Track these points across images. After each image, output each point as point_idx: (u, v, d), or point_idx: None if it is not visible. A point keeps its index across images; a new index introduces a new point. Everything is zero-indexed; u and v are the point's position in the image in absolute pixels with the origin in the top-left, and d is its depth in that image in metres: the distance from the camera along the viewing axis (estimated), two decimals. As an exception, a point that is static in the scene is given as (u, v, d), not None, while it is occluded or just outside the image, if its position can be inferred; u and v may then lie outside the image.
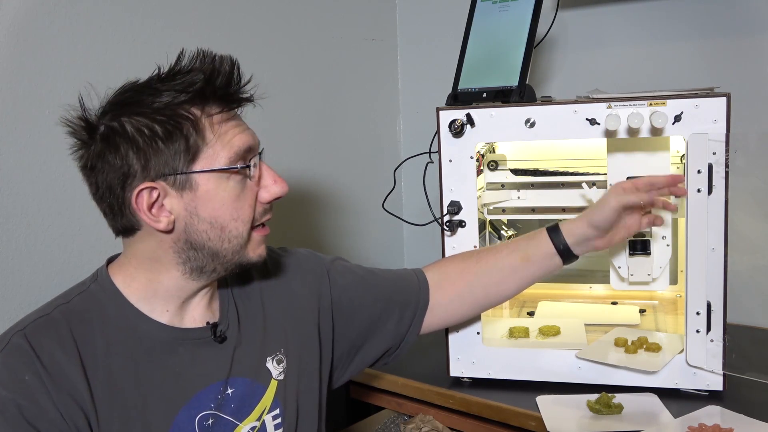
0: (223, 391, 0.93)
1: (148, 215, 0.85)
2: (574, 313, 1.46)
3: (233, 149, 0.87)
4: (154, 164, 0.84)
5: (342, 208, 1.87)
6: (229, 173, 0.87)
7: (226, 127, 0.87)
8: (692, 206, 1.10)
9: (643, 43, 1.63)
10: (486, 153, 1.45)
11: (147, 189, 0.84)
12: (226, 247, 0.89)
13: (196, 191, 0.86)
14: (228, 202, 0.87)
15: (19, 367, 0.81)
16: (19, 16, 1.19)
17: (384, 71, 2.01)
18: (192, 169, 0.85)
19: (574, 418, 1.10)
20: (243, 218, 0.89)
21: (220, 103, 0.88)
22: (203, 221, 0.87)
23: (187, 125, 0.84)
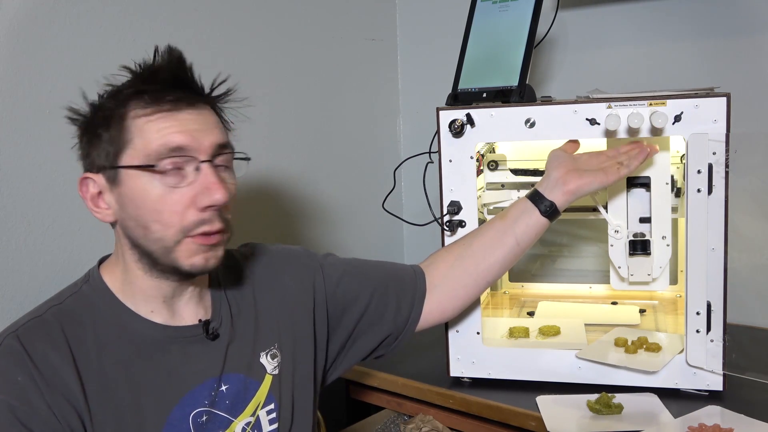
0: (217, 387, 0.93)
1: (92, 205, 0.88)
2: (574, 313, 1.46)
3: (151, 147, 0.84)
4: (95, 156, 0.87)
5: (342, 208, 1.87)
6: (152, 172, 0.84)
7: (155, 126, 0.84)
8: (692, 206, 1.10)
9: (643, 43, 1.63)
10: (486, 153, 1.45)
11: (90, 179, 0.87)
12: (153, 248, 0.86)
13: (121, 187, 0.86)
14: (148, 202, 0.84)
15: (12, 368, 0.81)
16: (19, 16, 1.19)
17: (384, 71, 2.01)
18: (116, 164, 0.85)
19: (574, 418, 1.10)
20: (164, 221, 0.84)
21: (152, 101, 0.85)
22: (130, 218, 0.86)
23: (116, 120, 0.85)
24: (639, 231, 1.27)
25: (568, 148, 1.18)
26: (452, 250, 1.16)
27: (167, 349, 0.91)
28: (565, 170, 1.12)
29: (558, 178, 1.12)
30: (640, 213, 1.27)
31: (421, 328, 1.15)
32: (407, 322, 1.13)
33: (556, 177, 1.12)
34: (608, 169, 1.12)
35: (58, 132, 1.25)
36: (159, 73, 0.86)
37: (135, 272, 0.90)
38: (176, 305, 0.94)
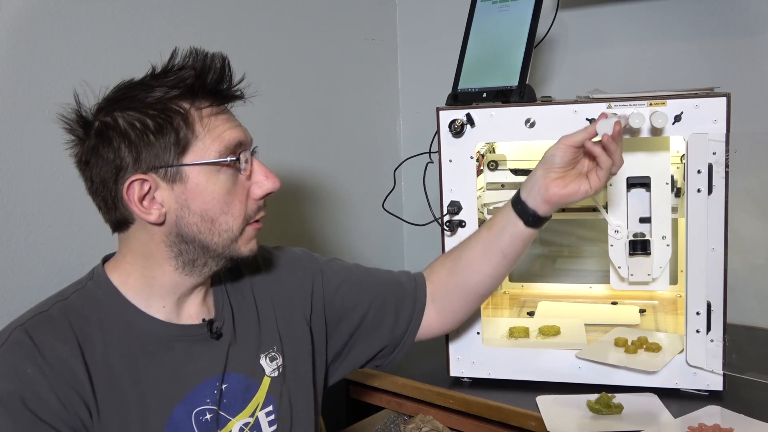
0: (219, 386, 0.93)
1: (139, 207, 0.86)
2: (574, 313, 1.46)
3: (223, 143, 0.87)
4: (145, 157, 0.85)
5: (342, 208, 1.87)
6: (219, 167, 0.87)
7: (216, 122, 0.88)
8: (692, 206, 1.10)
9: (643, 43, 1.63)
10: (486, 153, 1.45)
11: (138, 181, 0.85)
12: (216, 240, 0.89)
13: (186, 184, 0.87)
14: (218, 195, 0.88)
15: (21, 361, 0.81)
16: (19, 16, 1.19)
17: (384, 71, 2.01)
18: (182, 162, 0.86)
19: (574, 418, 1.10)
20: (233, 213, 0.89)
21: (210, 98, 0.89)
22: (194, 214, 0.88)
23: (178, 119, 0.86)
24: (639, 231, 1.27)
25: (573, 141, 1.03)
26: (446, 263, 1.15)
27: (171, 347, 0.91)
28: (545, 171, 1.03)
29: (540, 183, 1.03)
30: (640, 213, 1.27)
31: (421, 339, 1.15)
32: (405, 334, 1.13)
33: (538, 180, 1.03)
34: (590, 175, 1.02)
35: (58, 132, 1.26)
36: (210, 73, 0.89)
37: (163, 268, 0.91)
38: (185, 303, 0.95)
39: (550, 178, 1.02)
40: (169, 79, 0.87)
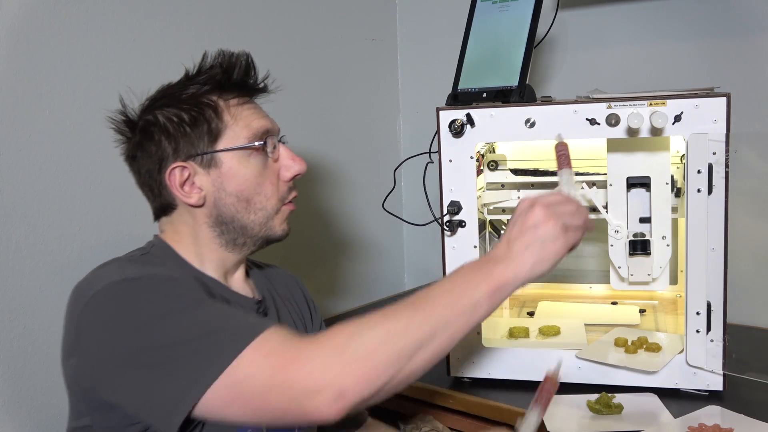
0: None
1: (180, 191, 0.96)
2: (574, 313, 1.46)
3: (251, 130, 0.97)
4: (183, 147, 0.96)
5: (342, 208, 1.87)
6: (249, 151, 0.97)
7: (244, 112, 0.98)
8: (692, 206, 1.10)
9: (643, 43, 1.63)
10: (486, 153, 1.45)
11: (178, 168, 0.95)
12: (252, 219, 0.98)
13: (220, 168, 0.96)
14: (250, 177, 0.97)
15: (148, 266, 0.90)
16: (19, 16, 1.19)
17: (384, 71, 2.01)
18: (215, 149, 0.96)
19: (574, 418, 1.10)
20: (266, 193, 0.99)
21: (236, 91, 0.99)
22: (230, 195, 0.97)
23: (209, 111, 0.96)
24: (639, 231, 1.27)
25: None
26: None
27: (229, 303, 0.99)
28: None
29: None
30: (640, 213, 1.27)
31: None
32: None
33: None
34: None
35: (58, 132, 1.26)
36: (235, 69, 0.99)
37: (210, 246, 1.00)
38: (231, 278, 1.05)
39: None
40: (200, 78, 0.98)
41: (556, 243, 0.83)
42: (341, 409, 0.73)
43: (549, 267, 0.84)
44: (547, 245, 0.82)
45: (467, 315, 0.80)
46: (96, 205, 1.31)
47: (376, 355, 0.74)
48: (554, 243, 0.83)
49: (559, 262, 0.84)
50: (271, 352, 0.75)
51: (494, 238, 1.62)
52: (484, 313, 0.83)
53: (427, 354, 0.78)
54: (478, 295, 0.81)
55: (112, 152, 1.34)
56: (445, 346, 0.80)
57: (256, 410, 0.75)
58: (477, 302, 0.81)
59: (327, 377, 0.72)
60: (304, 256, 1.76)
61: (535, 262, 0.83)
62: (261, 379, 0.74)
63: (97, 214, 1.32)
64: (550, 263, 0.83)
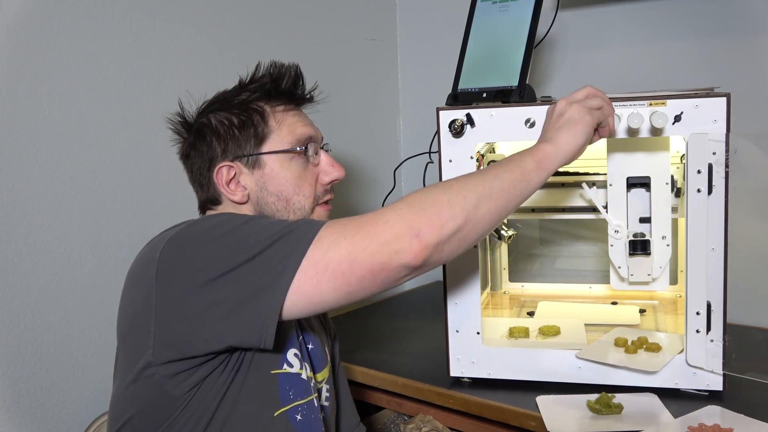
0: (302, 342, 1.04)
1: (226, 189, 1.03)
2: (574, 313, 1.46)
3: (295, 135, 1.04)
4: (231, 148, 1.03)
5: (342, 208, 1.87)
6: (292, 155, 1.04)
7: (289, 119, 1.05)
8: (692, 206, 1.10)
9: (643, 43, 1.63)
10: (486, 153, 1.45)
11: (226, 167, 1.02)
12: (291, 217, 1.03)
13: (264, 169, 1.03)
14: (291, 179, 1.03)
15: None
16: (19, 16, 1.19)
17: (384, 71, 2.01)
18: (260, 151, 1.03)
19: (574, 418, 1.10)
20: (304, 193, 1.05)
21: (284, 99, 1.06)
22: (271, 195, 1.03)
23: (256, 116, 1.03)
24: (639, 231, 1.27)
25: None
26: None
27: None
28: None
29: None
30: (640, 213, 1.27)
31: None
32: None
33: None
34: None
35: (58, 132, 1.26)
36: (284, 80, 1.06)
37: None
38: None
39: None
40: (251, 86, 1.05)
41: (583, 120, 0.98)
42: (422, 250, 0.83)
43: (582, 140, 0.98)
44: (576, 123, 0.98)
45: (518, 180, 0.92)
46: (96, 205, 1.32)
47: (441, 204, 0.86)
48: (581, 121, 0.98)
49: (590, 139, 1.00)
50: (345, 224, 0.87)
51: (494, 238, 1.62)
52: (534, 180, 0.94)
53: (490, 206, 0.89)
54: (527, 164, 0.94)
55: (112, 152, 1.35)
56: (504, 203, 0.91)
57: (344, 277, 0.83)
58: (526, 170, 0.94)
59: (402, 223, 0.83)
60: (304, 256, 1.76)
61: (568, 138, 0.97)
62: (343, 244, 0.84)
63: (97, 214, 1.32)
64: (582, 137, 0.98)
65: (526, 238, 1.75)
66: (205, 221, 0.91)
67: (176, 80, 1.41)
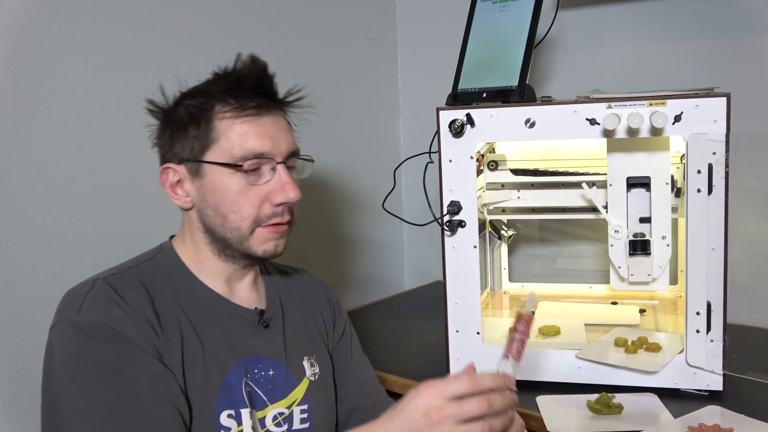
0: (263, 368, 1.00)
1: (170, 192, 0.97)
2: (574, 313, 1.46)
3: (239, 149, 0.94)
4: (178, 149, 0.96)
5: (342, 208, 1.87)
6: (233, 169, 0.94)
7: (239, 129, 0.95)
8: (692, 206, 1.10)
9: (643, 43, 1.63)
10: (486, 153, 1.45)
11: (171, 169, 0.97)
12: (229, 235, 0.96)
13: (203, 179, 0.95)
14: (229, 195, 0.95)
15: (108, 303, 0.89)
16: (19, 16, 1.19)
17: (384, 71, 2.01)
18: (202, 159, 0.95)
19: (574, 418, 1.10)
20: (242, 213, 0.95)
21: (240, 104, 0.95)
22: (209, 207, 0.96)
23: (205, 119, 0.95)
24: (639, 231, 1.27)
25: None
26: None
27: (227, 320, 0.99)
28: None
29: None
30: (640, 213, 1.27)
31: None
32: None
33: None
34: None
35: (58, 132, 1.26)
36: (245, 79, 0.96)
37: (205, 253, 1.00)
38: (235, 286, 1.03)
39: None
40: (212, 82, 0.97)
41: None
42: None
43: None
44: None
45: None
46: (96, 205, 1.31)
47: None
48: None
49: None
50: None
51: (494, 238, 1.62)
52: None
53: None
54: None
55: (112, 152, 1.35)
56: None
57: None
58: None
59: None
60: (304, 256, 1.76)
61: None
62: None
63: (97, 214, 1.32)
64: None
65: (526, 238, 1.75)
66: (67, 343, 0.87)
67: (176, 80, 1.41)
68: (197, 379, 0.92)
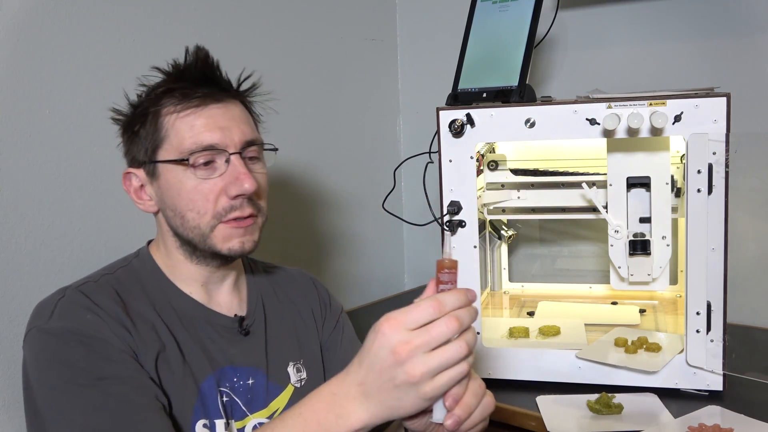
0: (242, 377, 0.97)
1: (134, 198, 0.96)
2: (574, 313, 1.46)
3: (184, 144, 0.91)
4: (135, 152, 0.95)
5: (342, 208, 1.87)
6: (185, 166, 0.91)
7: (186, 122, 0.91)
8: (692, 206, 1.10)
9: (643, 43, 1.63)
10: (486, 153, 1.45)
11: (132, 174, 0.95)
12: (192, 236, 0.94)
13: (160, 180, 0.93)
14: (183, 193, 0.92)
15: (80, 310, 0.87)
16: (19, 16, 1.19)
17: (384, 71, 2.01)
18: (155, 159, 0.93)
19: (574, 418, 1.10)
20: (199, 210, 0.92)
21: (182, 98, 0.92)
22: (169, 209, 0.94)
23: (152, 118, 0.92)
24: (639, 231, 1.27)
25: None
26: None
27: (203, 327, 0.96)
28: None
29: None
30: (640, 213, 1.27)
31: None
32: None
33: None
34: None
35: (58, 132, 1.26)
36: (187, 71, 0.93)
37: (177, 257, 0.97)
38: (213, 291, 1.00)
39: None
40: (159, 80, 0.94)
41: (415, 402, 0.70)
42: None
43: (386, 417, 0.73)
44: (405, 397, 0.70)
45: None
46: (96, 205, 1.31)
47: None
48: (411, 397, 0.70)
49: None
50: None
51: (494, 238, 1.62)
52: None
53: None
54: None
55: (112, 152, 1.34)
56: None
57: None
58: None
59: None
60: (304, 256, 1.76)
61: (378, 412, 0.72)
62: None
63: (97, 214, 1.32)
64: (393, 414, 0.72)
65: (526, 238, 1.75)
66: (38, 349, 0.85)
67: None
68: (175, 387, 0.90)
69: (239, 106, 0.97)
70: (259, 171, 0.97)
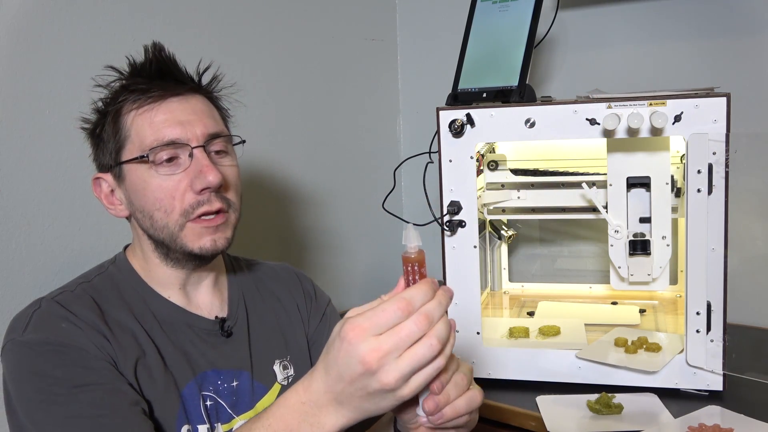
0: (226, 380, 0.95)
1: (105, 204, 0.95)
2: (574, 313, 1.46)
3: (145, 141, 0.89)
4: (101, 156, 0.94)
5: (342, 208, 1.87)
6: (148, 164, 0.89)
7: (146, 119, 0.90)
8: (692, 206, 1.10)
9: (644, 43, 1.63)
10: (486, 153, 1.45)
11: (100, 179, 0.94)
12: (162, 236, 0.91)
13: (126, 182, 0.92)
14: (148, 192, 0.90)
15: (56, 320, 0.86)
16: (19, 16, 1.19)
17: (384, 71, 2.01)
18: (120, 160, 0.91)
19: (574, 418, 1.10)
20: (165, 208, 0.90)
21: (140, 94, 0.91)
22: (138, 210, 0.92)
23: (112, 119, 0.91)
24: (639, 231, 1.27)
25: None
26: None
27: (184, 331, 0.95)
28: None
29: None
30: (640, 213, 1.27)
31: None
32: None
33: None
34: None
35: (58, 132, 1.26)
36: (143, 67, 0.92)
37: (153, 260, 0.95)
38: (192, 294, 0.99)
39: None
40: (114, 81, 0.93)
41: (380, 405, 0.68)
42: None
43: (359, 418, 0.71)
44: (374, 400, 0.68)
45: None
46: (96, 205, 1.31)
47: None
48: (379, 401, 0.68)
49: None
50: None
51: (494, 238, 1.62)
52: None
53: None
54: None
55: (112, 152, 1.34)
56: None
57: None
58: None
59: None
60: (304, 256, 1.76)
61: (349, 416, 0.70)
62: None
63: (97, 214, 1.32)
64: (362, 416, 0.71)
65: (526, 238, 1.75)
66: (15, 361, 0.84)
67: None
68: (157, 394, 0.88)
69: (202, 100, 0.95)
70: (227, 164, 0.94)
